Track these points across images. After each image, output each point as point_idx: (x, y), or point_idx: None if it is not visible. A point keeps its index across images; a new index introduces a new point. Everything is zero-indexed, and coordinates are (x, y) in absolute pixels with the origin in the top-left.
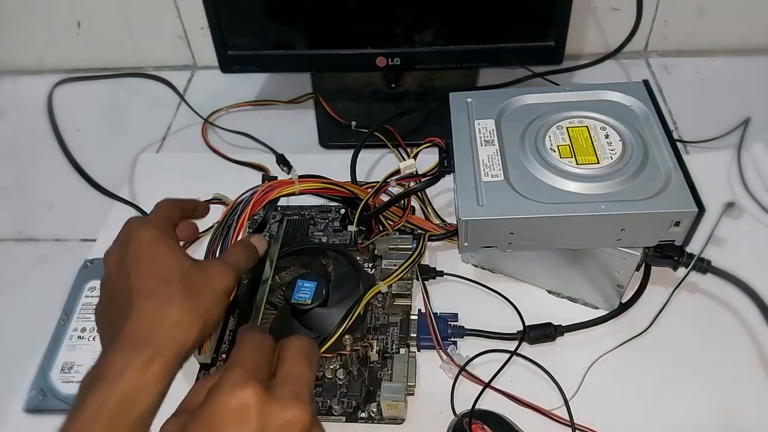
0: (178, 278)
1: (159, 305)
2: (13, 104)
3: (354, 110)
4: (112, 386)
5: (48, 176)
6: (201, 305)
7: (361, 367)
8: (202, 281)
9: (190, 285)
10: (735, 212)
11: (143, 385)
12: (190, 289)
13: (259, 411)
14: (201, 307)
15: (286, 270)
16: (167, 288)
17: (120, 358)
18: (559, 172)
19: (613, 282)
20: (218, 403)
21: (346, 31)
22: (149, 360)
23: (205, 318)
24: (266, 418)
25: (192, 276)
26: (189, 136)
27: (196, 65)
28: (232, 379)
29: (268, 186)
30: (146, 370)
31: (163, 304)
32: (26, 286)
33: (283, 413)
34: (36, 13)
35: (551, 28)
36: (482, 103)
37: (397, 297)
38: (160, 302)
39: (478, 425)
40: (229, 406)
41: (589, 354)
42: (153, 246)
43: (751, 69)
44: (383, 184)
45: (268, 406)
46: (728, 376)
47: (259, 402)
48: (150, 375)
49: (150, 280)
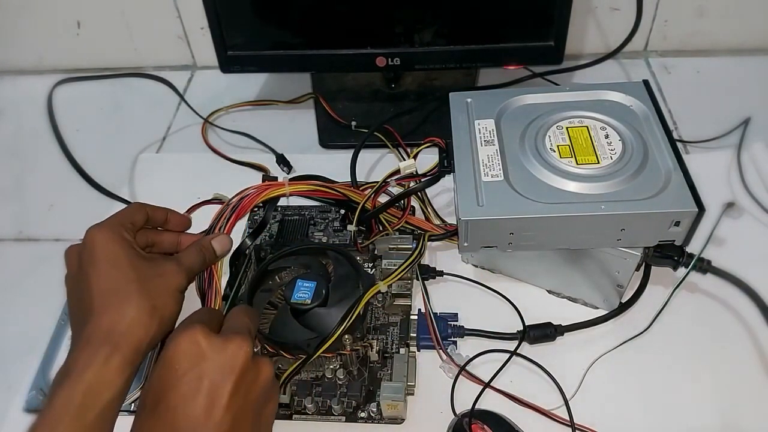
0: (134, 278)
1: (118, 305)
2: (12, 104)
3: (354, 110)
4: (77, 380)
5: (48, 176)
6: (157, 303)
7: (361, 367)
8: (157, 280)
9: (145, 284)
10: (735, 212)
11: (106, 378)
12: (146, 288)
13: (207, 345)
14: (157, 304)
15: (286, 270)
16: (125, 288)
17: (84, 354)
18: (559, 172)
19: (613, 282)
20: (174, 345)
21: (346, 31)
22: (110, 355)
23: (161, 315)
24: (214, 350)
25: (147, 275)
26: (189, 136)
27: (196, 65)
28: (184, 325)
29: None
30: (107, 365)
31: (121, 304)
32: (26, 286)
33: (227, 344)
34: (36, 13)
35: (551, 28)
36: (482, 103)
37: (397, 297)
38: (118, 302)
39: (478, 425)
40: (182, 346)
41: (589, 354)
42: (107, 246)
43: (751, 69)
44: (383, 184)
45: (214, 340)
46: (728, 376)
47: (206, 338)
48: (111, 369)
49: (108, 281)
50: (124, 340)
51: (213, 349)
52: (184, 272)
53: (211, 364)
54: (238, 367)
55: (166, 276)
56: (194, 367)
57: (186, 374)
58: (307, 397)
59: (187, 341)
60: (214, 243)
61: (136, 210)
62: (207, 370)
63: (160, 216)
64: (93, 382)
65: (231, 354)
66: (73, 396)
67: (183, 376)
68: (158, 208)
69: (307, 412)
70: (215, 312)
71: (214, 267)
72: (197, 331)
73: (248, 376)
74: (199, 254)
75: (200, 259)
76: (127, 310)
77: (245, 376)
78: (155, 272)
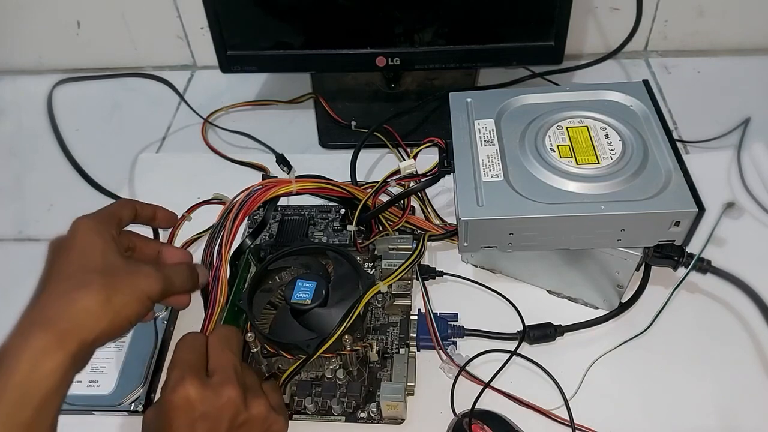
0: (99, 268)
1: (72, 288)
2: (12, 104)
3: (354, 110)
4: (11, 370)
5: (48, 176)
6: (116, 298)
7: (360, 367)
8: (125, 276)
9: (110, 276)
10: (735, 212)
11: (43, 369)
12: (110, 280)
13: (200, 399)
14: (116, 300)
15: (286, 270)
16: (85, 275)
17: (20, 339)
18: (559, 172)
19: (613, 282)
20: (167, 400)
21: (346, 31)
22: (50, 343)
23: (117, 312)
24: (206, 403)
25: (116, 269)
26: (189, 136)
27: (196, 65)
28: (174, 380)
29: (264, 186)
30: (46, 354)
31: (76, 288)
32: (26, 286)
33: (218, 397)
34: (36, 13)
35: (551, 28)
36: (482, 103)
37: (396, 297)
38: (74, 286)
39: (478, 425)
40: (176, 402)
41: (589, 354)
42: (85, 236)
43: (751, 69)
44: (383, 184)
45: (205, 394)
46: (728, 376)
47: (197, 392)
48: (50, 359)
49: (71, 265)
50: (69, 329)
51: (206, 403)
52: (161, 279)
53: (205, 417)
54: (229, 416)
55: (137, 276)
56: (189, 422)
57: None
58: (307, 397)
59: (180, 397)
60: (199, 270)
61: (124, 205)
62: (202, 422)
63: (148, 212)
64: (28, 373)
65: (222, 404)
66: (5, 388)
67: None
68: (146, 205)
69: (307, 412)
70: (198, 344)
71: (220, 268)
72: (188, 385)
73: (241, 417)
74: (185, 272)
75: (183, 277)
76: (78, 298)
77: (238, 419)
78: (126, 269)
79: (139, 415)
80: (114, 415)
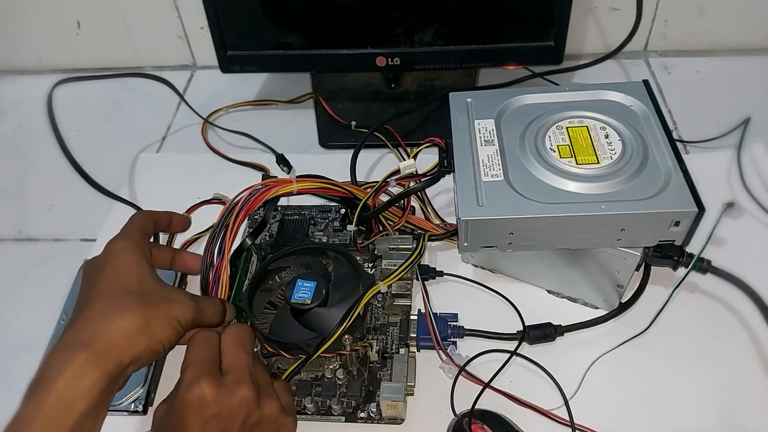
0: (136, 290)
1: (110, 310)
2: (13, 104)
3: (354, 110)
4: (48, 388)
5: (48, 176)
6: (153, 323)
7: (360, 367)
8: (161, 302)
9: (146, 300)
10: (735, 212)
11: (80, 387)
12: (146, 304)
13: (214, 399)
14: (153, 324)
15: (286, 270)
16: (123, 297)
17: (59, 358)
18: (559, 172)
19: (613, 282)
20: (182, 399)
21: (345, 31)
22: (87, 362)
23: (152, 336)
24: (221, 403)
25: (151, 292)
26: (189, 136)
27: (196, 65)
28: (189, 379)
29: (265, 186)
30: (83, 372)
31: (114, 310)
32: (26, 286)
33: (233, 397)
34: (36, 13)
35: (551, 28)
36: (482, 103)
37: (396, 297)
38: (111, 307)
39: (478, 425)
40: (191, 401)
41: (589, 354)
42: (121, 256)
43: (751, 69)
44: (383, 184)
45: (219, 394)
46: (728, 376)
47: (212, 392)
48: (87, 378)
49: (109, 286)
50: (106, 349)
51: (220, 403)
52: (193, 308)
53: (218, 417)
54: (242, 416)
55: (172, 302)
56: (203, 421)
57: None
58: (306, 397)
59: (195, 396)
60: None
61: (146, 219)
62: (215, 422)
63: (164, 220)
64: (65, 391)
65: (236, 405)
66: (42, 406)
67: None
68: (162, 213)
69: (306, 412)
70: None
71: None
72: (203, 384)
73: (253, 417)
74: (218, 306)
75: (214, 311)
76: (116, 319)
77: (251, 419)
78: (161, 295)
79: (139, 415)
80: (114, 415)
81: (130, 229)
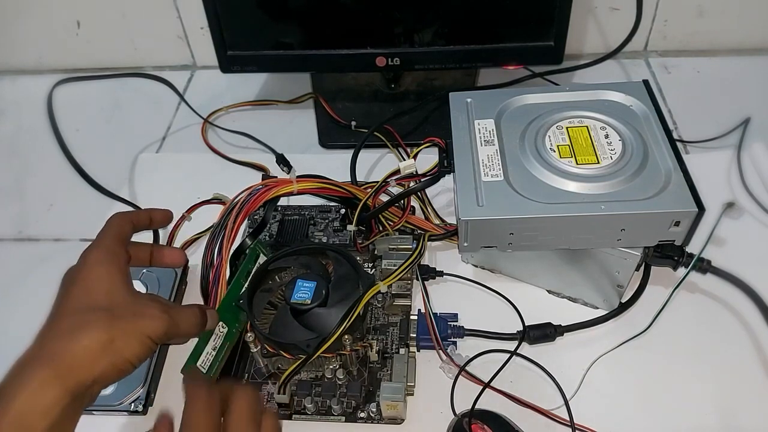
0: (105, 306)
1: (75, 327)
2: (12, 104)
3: (354, 110)
4: (7, 405)
5: (48, 176)
6: (119, 340)
7: (360, 367)
8: (130, 317)
9: (113, 315)
10: (735, 212)
11: (40, 405)
12: (113, 320)
13: None
14: (118, 342)
15: (286, 270)
16: (89, 313)
17: (19, 375)
18: (559, 172)
19: (613, 282)
20: None
21: (345, 31)
22: (45, 381)
23: (119, 354)
24: None
25: (120, 307)
26: (189, 136)
27: (196, 65)
28: None
29: (265, 186)
30: (43, 391)
31: (79, 327)
32: (26, 286)
33: None
34: (36, 13)
35: (551, 28)
36: (482, 103)
37: (396, 297)
38: (77, 324)
39: (478, 425)
40: None
41: (589, 354)
42: (94, 269)
43: (751, 69)
44: (383, 184)
45: None
46: (728, 376)
47: None
48: (47, 395)
49: (76, 302)
50: (67, 367)
51: None
52: (165, 322)
53: None
54: None
55: (143, 317)
56: None
57: None
58: (306, 397)
59: None
60: (209, 313)
61: (122, 222)
62: None
63: (143, 219)
64: (24, 409)
65: None
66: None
67: None
68: (140, 213)
69: (306, 412)
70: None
71: (221, 268)
72: None
73: None
74: (194, 316)
75: (192, 322)
76: (79, 337)
77: None
78: (131, 309)
79: (139, 414)
80: (114, 414)
81: (105, 236)
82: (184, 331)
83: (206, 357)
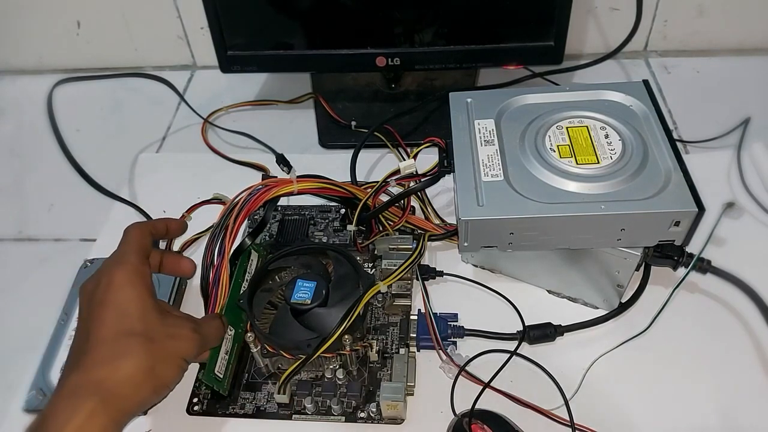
0: (140, 331)
1: (114, 356)
2: (13, 104)
3: (354, 110)
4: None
5: (48, 176)
6: (157, 366)
7: (360, 367)
8: (166, 341)
9: (151, 341)
10: (735, 212)
11: None
12: (150, 346)
13: None
14: (157, 368)
15: (286, 270)
16: (126, 340)
17: (64, 406)
18: (559, 172)
19: (613, 282)
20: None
21: (345, 31)
22: (94, 412)
23: (158, 379)
24: None
25: (156, 333)
26: (189, 136)
27: (196, 65)
28: None
29: (265, 186)
30: (91, 421)
31: (118, 357)
32: (26, 286)
33: None
34: (36, 13)
35: (551, 28)
36: (482, 103)
37: (396, 297)
38: (116, 354)
39: (478, 425)
40: None
41: (589, 354)
42: (122, 290)
43: (751, 69)
44: (383, 184)
45: None
46: (728, 376)
47: None
48: (95, 426)
49: (110, 328)
50: (113, 397)
51: None
52: (198, 342)
53: None
54: None
55: (177, 339)
56: None
57: None
58: (306, 397)
59: None
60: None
61: (142, 233)
62: None
63: (161, 229)
64: None
65: None
66: None
67: None
68: (157, 223)
69: (306, 412)
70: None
71: (221, 268)
72: None
73: None
74: (220, 329)
75: (217, 335)
76: (122, 365)
77: None
78: (166, 332)
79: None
80: None
81: (128, 252)
82: (212, 343)
83: (221, 362)
